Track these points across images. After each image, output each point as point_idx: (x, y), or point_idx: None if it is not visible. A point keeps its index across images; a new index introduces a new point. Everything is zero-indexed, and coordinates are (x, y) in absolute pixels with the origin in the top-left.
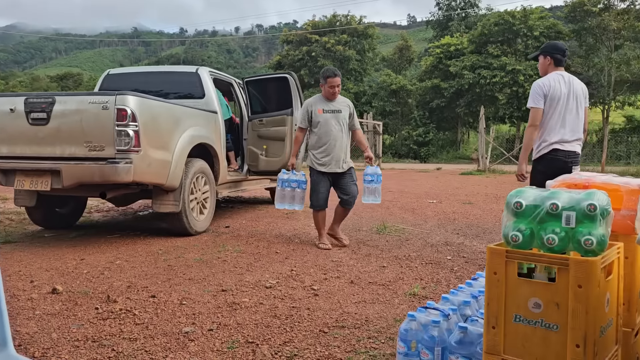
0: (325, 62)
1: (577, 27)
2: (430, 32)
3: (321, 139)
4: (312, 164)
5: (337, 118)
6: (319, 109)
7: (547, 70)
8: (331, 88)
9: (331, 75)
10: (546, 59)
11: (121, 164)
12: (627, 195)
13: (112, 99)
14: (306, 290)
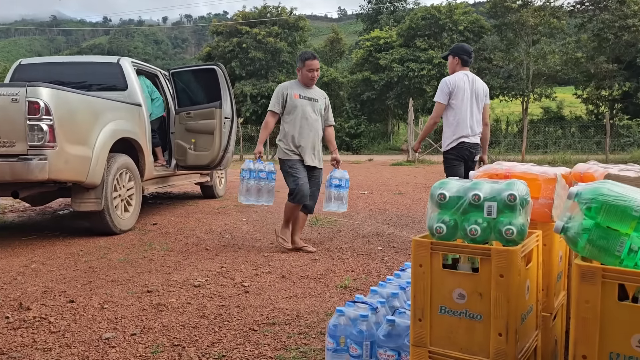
0: (257, 53)
1: (498, 22)
2: (361, 25)
3: (296, 125)
4: (283, 155)
5: (314, 107)
6: (295, 93)
7: (455, 69)
8: (310, 72)
9: (310, 57)
10: (455, 59)
11: (34, 161)
12: (544, 184)
13: (22, 91)
14: (236, 288)
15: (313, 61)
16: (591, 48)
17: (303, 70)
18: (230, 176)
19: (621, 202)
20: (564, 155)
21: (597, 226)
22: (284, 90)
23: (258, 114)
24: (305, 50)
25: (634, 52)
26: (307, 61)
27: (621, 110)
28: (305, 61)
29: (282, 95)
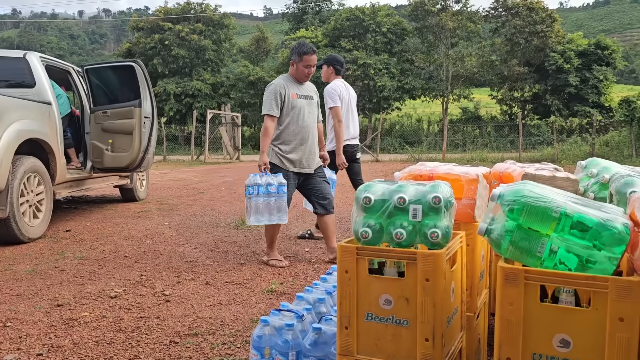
0: (180, 51)
1: (419, 25)
2: (287, 25)
3: (292, 131)
4: (276, 160)
5: (311, 105)
6: (293, 92)
7: (329, 77)
8: (306, 68)
9: (309, 51)
10: (329, 68)
11: None
12: (467, 184)
13: None
14: (157, 297)
15: (312, 56)
16: (504, 52)
17: (299, 65)
18: (152, 177)
19: (541, 203)
20: (482, 154)
21: (519, 227)
22: (280, 89)
23: (182, 113)
24: (302, 41)
25: (543, 56)
26: (305, 55)
27: (532, 110)
28: (302, 55)
29: (280, 95)
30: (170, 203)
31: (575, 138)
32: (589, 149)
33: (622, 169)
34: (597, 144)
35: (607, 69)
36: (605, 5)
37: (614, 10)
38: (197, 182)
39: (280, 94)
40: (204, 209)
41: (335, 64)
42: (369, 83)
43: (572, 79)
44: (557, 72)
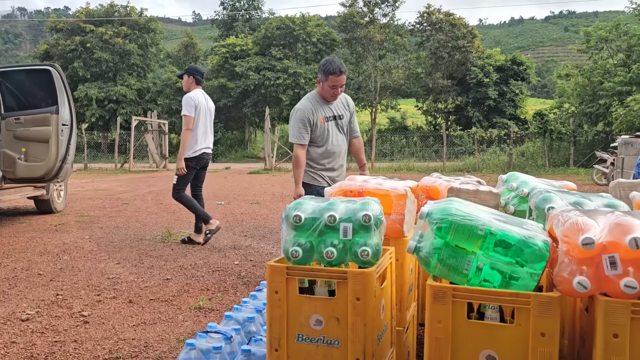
0: (103, 54)
1: (348, 36)
2: (216, 31)
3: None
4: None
5: (340, 125)
6: (322, 117)
7: (190, 87)
8: (333, 89)
9: (336, 72)
10: (190, 78)
11: None
12: (396, 200)
13: None
14: (74, 318)
15: (339, 77)
16: (429, 65)
17: (325, 85)
18: (71, 187)
19: (468, 221)
20: (409, 163)
21: (446, 245)
22: (308, 115)
23: (105, 119)
24: (331, 58)
25: (464, 70)
26: (332, 76)
27: (454, 121)
28: (328, 75)
29: (308, 121)
30: (91, 215)
31: (494, 148)
32: (507, 159)
33: (540, 184)
34: (514, 154)
35: (522, 84)
36: (520, 24)
37: (527, 28)
38: (121, 192)
39: (310, 120)
40: (128, 221)
41: (195, 74)
42: (299, 92)
43: (491, 92)
44: (477, 85)
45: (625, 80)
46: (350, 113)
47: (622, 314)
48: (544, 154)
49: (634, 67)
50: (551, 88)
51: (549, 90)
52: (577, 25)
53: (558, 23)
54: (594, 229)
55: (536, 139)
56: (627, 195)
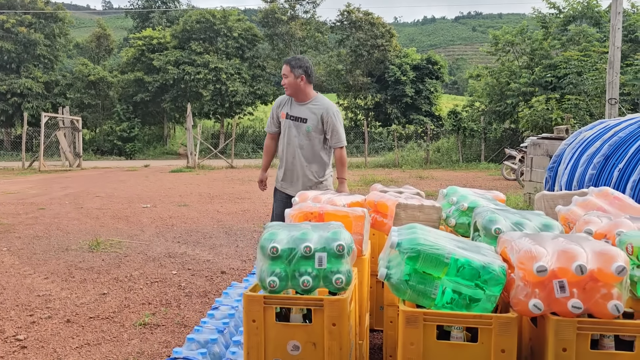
0: (5, 44)
1: (270, 32)
2: (130, 22)
3: (279, 150)
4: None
5: (299, 129)
6: (283, 112)
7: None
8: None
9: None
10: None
11: None
12: (355, 221)
13: None
14: (9, 344)
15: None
16: (349, 62)
17: None
18: None
19: (435, 250)
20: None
21: (415, 272)
22: (275, 106)
23: (8, 114)
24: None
25: (383, 68)
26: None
27: (374, 118)
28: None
29: (274, 113)
30: (5, 223)
31: (412, 144)
32: (424, 154)
33: (478, 198)
34: (430, 150)
35: (436, 82)
36: (432, 23)
37: (439, 27)
38: (34, 195)
39: (274, 111)
40: (49, 229)
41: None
42: (220, 87)
43: (408, 89)
44: (395, 83)
45: (529, 81)
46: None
47: (569, 331)
48: (457, 150)
49: (537, 70)
50: (461, 84)
51: (459, 87)
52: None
53: (467, 23)
54: (545, 257)
55: (450, 136)
56: (551, 206)
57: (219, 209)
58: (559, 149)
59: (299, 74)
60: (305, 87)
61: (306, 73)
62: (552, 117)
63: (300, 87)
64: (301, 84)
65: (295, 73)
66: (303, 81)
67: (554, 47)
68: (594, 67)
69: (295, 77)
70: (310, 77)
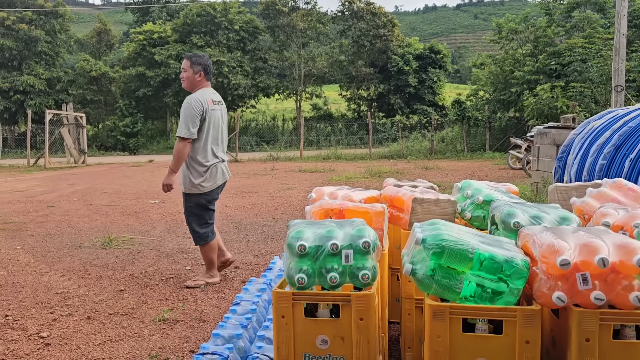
0: (6, 42)
1: (271, 24)
2: (130, 16)
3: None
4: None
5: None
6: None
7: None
8: None
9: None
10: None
11: None
12: (375, 217)
13: None
14: (33, 341)
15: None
16: (351, 53)
17: None
18: None
19: (459, 246)
20: (336, 151)
21: (440, 267)
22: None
23: (12, 112)
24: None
25: (385, 58)
26: None
27: (377, 108)
28: None
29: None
30: (16, 221)
31: (416, 135)
32: (428, 145)
33: (493, 191)
34: (435, 140)
35: (440, 71)
36: (433, 11)
37: (440, 15)
38: (42, 192)
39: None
40: (60, 227)
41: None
42: (222, 81)
43: (411, 79)
44: (398, 73)
45: (534, 69)
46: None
47: (592, 322)
48: (462, 140)
49: (541, 57)
50: (464, 73)
51: (461, 76)
52: (486, 13)
53: (468, 11)
54: (567, 250)
55: (455, 125)
56: (564, 198)
57: (227, 204)
58: (568, 138)
59: (197, 70)
60: (201, 82)
61: (205, 70)
62: (558, 105)
63: (196, 82)
64: (198, 79)
65: (195, 69)
66: (201, 77)
67: (558, 35)
68: (599, 54)
69: (194, 73)
70: (209, 74)
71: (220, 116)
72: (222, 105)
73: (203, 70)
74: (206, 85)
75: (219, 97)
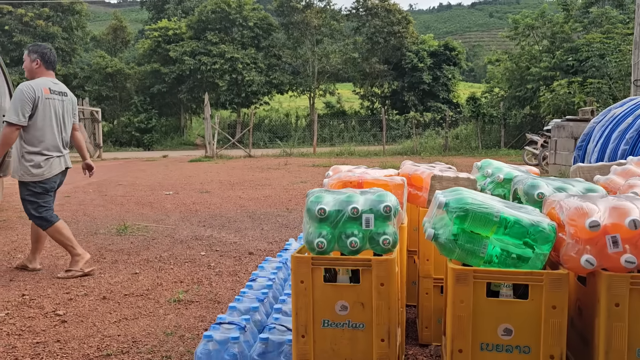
0: (24, 37)
1: (285, 21)
2: (145, 14)
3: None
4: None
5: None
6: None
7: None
8: None
9: None
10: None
11: None
12: (394, 189)
13: None
14: (50, 318)
15: None
16: (365, 50)
17: None
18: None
19: (483, 209)
20: (349, 147)
21: (463, 232)
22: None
23: None
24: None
25: (400, 55)
26: None
27: (391, 106)
28: None
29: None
30: None
31: (430, 132)
32: (442, 142)
33: (512, 169)
34: (449, 137)
35: (454, 69)
36: (448, 10)
37: (455, 14)
38: None
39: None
40: (76, 215)
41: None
42: (237, 77)
43: (425, 77)
44: (412, 70)
45: (550, 65)
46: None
47: (622, 286)
48: (476, 137)
49: (557, 54)
50: (478, 72)
51: (476, 74)
52: (501, 12)
53: (483, 9)
54: (596, 212)
55: (469, 122)
56: (587, 178)
57: (241, 195)
58: (588, 127)
59: (34, 59)
60: (40, 71)
61: (42, 59)
62: (575, 100)
63: (35, 71)
64: (36, 67)
65: (31, 57)
66: (38, 65)
67: (576, 30)
68: (617, 49)
69: (31, 61)
70: (47, 62)
71: (62, 107)
72: (64, 97)
73: (40, 58)
74: (47, 74)
75: (62, 88)
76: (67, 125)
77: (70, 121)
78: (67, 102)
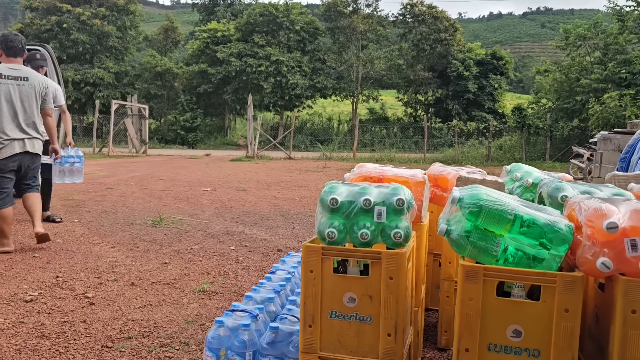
0: (80, 36)
1: (331, 25)
2: (196, 16)
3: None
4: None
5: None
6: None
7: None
8: None
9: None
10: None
11: None
12: (414, 186)
13: None
14: (79, 300)
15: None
16: (411, 56)
17: None
18: None
19: (498, 206)
20: (389, 154)
21: (476, 229)
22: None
23: (81, 102)
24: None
25: (445, 63)
26: None
27: (434, 114)
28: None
29: None
30: (76, 199)
31: (473, 141)
32: (485, 152)
33: (543, 174)
34: (492, 147)
35: (501, 78)
36: (498, 19)
37: (505, 23)
38: (103, 176)
39: None
40: (115, 206)
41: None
42: (281, 80)
43: (471, 85)
44: (457, 78)
45: (602, 77)
46: None
47: None
48: (521, 148)
49: (610, 65)
50: (527, 83)
51: (524, 86)
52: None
53: (535, 19)
54: (616, 214)
55: (514, 133)
56: (622, 186)
57: (276, 195)
58: (633, 138)
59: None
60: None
61: (1, 46)
62: (626, 114)
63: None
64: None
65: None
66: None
67: (630, 42)
68: None
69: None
70: (7, 49)
71: (18, 91)
72: (23, 81)
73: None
74: (9, 60)
75: (24, 73)
76: (28, 109)
77: (32, 105)
78: (27, 87)
